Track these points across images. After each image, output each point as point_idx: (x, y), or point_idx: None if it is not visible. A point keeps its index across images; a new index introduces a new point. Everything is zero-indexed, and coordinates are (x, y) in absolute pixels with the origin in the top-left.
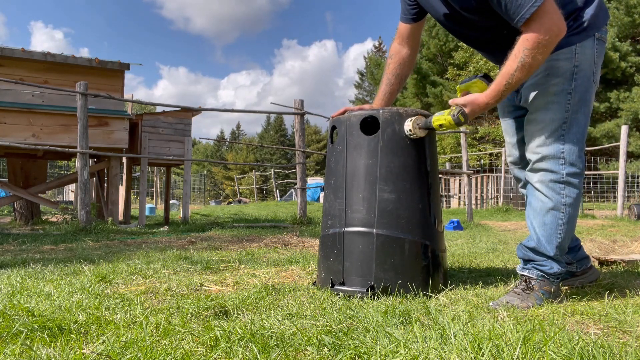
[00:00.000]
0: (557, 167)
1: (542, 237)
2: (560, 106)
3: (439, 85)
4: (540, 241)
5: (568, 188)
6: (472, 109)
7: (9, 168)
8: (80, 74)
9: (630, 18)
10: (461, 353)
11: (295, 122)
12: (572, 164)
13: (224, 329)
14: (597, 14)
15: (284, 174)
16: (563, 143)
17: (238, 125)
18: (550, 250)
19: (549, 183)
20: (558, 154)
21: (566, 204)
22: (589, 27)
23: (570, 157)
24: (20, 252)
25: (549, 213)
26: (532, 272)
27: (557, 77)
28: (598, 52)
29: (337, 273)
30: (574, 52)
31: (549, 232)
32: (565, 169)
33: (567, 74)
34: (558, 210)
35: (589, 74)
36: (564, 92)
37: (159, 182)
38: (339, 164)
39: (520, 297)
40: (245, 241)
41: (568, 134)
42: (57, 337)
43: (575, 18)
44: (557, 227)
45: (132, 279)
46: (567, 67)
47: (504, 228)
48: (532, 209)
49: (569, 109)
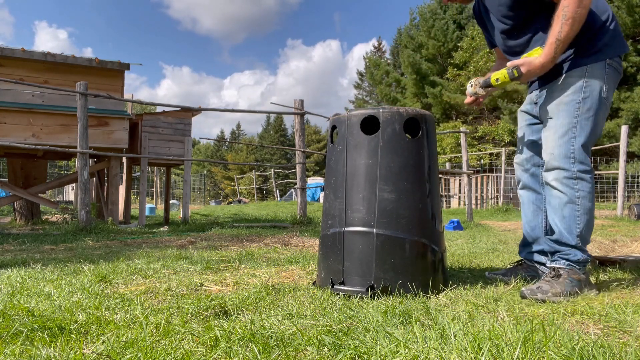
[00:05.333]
0: (568, 165)
1: (563, 229)
2: (570, 113)
3: (438, 86)
4: (562, 233)
5: (581, 183)
6: (528, 69)
7: (9, 168)
8: (80, 73)
9: (631, 18)
10: (461, 353)
11: (295, 122)
12: (581, 162)
13: (224, 329)
14: (608, 44)
15: (283, 174)
16: (573, 144)
17: (238, 125)
18: (572, 240)
19: (563, 179)
20: (568, 153)
21: (580, 197)
22: (599, 53)
23: (580, 157)
24: (20, 252)
25: (566, 207)
26: (559, 262)
27: (569, 90)
28: (608, 75)
29: (337, 273)
30: (584, 71)
31: (568, 224)
32: (576, 166)
33: (576, 88)
34: (574, 203)
35: (598, 89)
36: (573, 101)
37: (159, 182)
38: (339, 163)
39: (549, 284)
40: (245, 241)
41: (577, 137)
42: (57, 337)
43: (590, 42)
44: (575, 218)
45: (132, 279)
46: (577, 82)
47: (504, 228)
48: (551, 206)
49: (578, 115)
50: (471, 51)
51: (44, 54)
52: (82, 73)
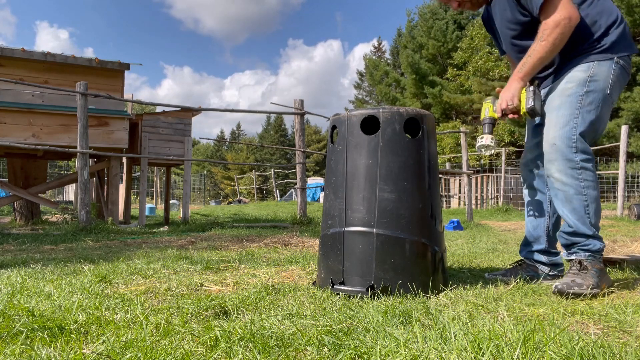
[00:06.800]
0: (571, 155)
1: (576, 220)
2: (572, 105)
3: (438, 86)
4: (577, 224)
5: (585, 172)
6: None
7: (9, 168)
8: (80, 73)
9: (631, 18)
10: (461, 353)
11: (295, 122)
12: (583, 151)
13: (224, 329)
14: (617, 42)
15: (283, 174)
16: (574, 134)
17: (238, 125)
18: (587, 230)
19: (567, 170)
20: (570, 143)
21: (585, 186)
22: (607, 50)
23: (581, 146)
24: (20, 252)
25: (574, 198)
26: (580, 254)
27: (572, 83)
28: (615, 73)
29: (337, 273)
30: (590, 67)
31: (580, 215)
32: (578, 156)
33: (580, 81)
34: (580, 194)
35: (603, 86)
36: (575, 94)
37: (159, 182)
38: (339, 163)
39: (580, 277)
40: (245, 241)
41: (579, 127)
42: (57, 337)
43: (598, 40)
44: (584, 208)
45: (132, 279)
46: (582, 76)
47: (504, 228)
48: (559, 200)
49: (580, 107)
50: (471, 51)
51: (44, 54)
52: (82, 73)
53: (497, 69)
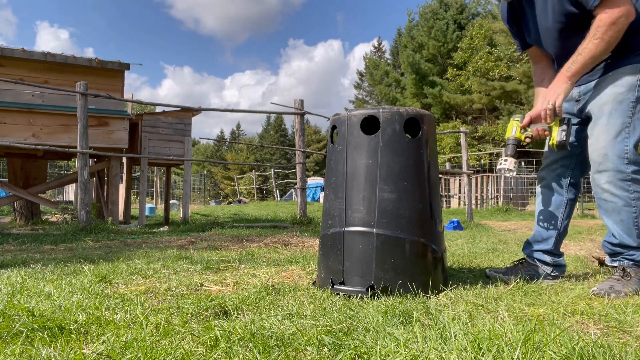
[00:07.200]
0: (622, 167)
1: (622, 232)
2: (624, 113)
3: (438, 86)
4: (622, 236)
5: (635, 185)
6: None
7: (9, 168)
8: (80, 73)
9: None
10: (461, 353)
11: (295, 122)
12: (635, 162)
13: (224, 329)
14: None
15: (283, 174)
16: (627, 145)
17: (238, 125)
18: (633, 242)
19: (618, 182)
20: (622, 154)
21: (635, 198)
22: None
23: (633, 157)
24: (20, 252)
25: (623, 210)
26: (624, 262)
27: (622, 88)
28: None
29: (337, 273)
30: (638, 68)
31: (627, 227)
32: (630, 167)
33: (630, 85)
34: (629, 206)
35: None
36: (627, 100)
37: (159, 182)
38: (339, 163)
39: (621, 283)
40: (245, 241)
41: (631, 137)
42: (57, 337)
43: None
44: (632, 220)
45: (132, 279)
46: (631, 80)
47: (504, 228)
48: (605, 210)
49: (632, 115)
50: (471, 51)
51: (44, 54)
52: (82, 73)
53: (497, 69)
